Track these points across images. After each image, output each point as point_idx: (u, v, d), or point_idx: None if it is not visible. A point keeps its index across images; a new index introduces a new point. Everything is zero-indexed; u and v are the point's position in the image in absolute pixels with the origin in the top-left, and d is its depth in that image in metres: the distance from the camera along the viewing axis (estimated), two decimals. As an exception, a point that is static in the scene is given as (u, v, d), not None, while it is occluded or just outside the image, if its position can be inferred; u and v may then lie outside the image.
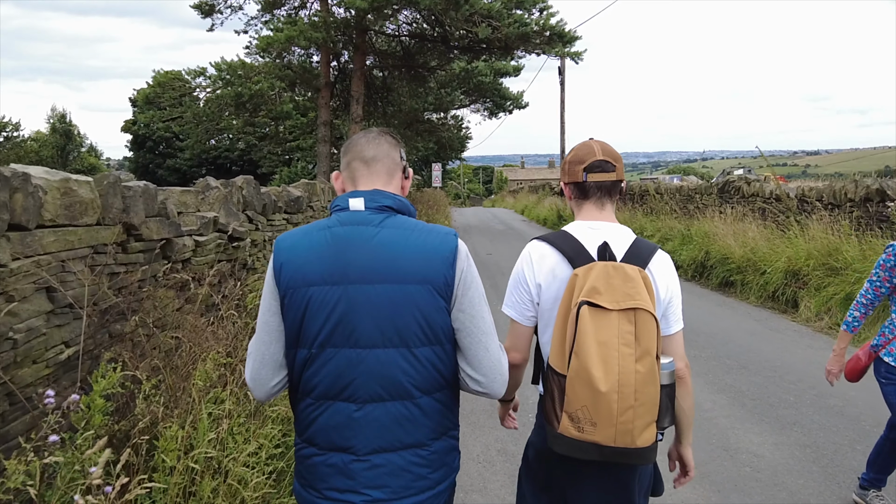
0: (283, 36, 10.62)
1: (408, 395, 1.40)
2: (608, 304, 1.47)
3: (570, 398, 1.48)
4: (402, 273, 1.38)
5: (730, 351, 6.16)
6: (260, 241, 4.76)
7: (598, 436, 1.46)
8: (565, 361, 1.49)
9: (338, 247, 1.39)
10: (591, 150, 1.70)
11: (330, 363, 1.38)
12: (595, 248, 1.62)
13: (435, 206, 22.36)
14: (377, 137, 1.54)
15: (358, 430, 1.38)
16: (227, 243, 3.81)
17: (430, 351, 1.41)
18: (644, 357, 1.46)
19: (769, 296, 8.47)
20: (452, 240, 1.43)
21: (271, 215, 5.11)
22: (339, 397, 1.39)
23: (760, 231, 9.57)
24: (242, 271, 4.05)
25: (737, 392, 4.95)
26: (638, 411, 1.45)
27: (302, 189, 6.58)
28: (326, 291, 1.37)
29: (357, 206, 1.44)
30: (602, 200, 1.71)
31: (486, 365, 1.44)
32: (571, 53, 12.23)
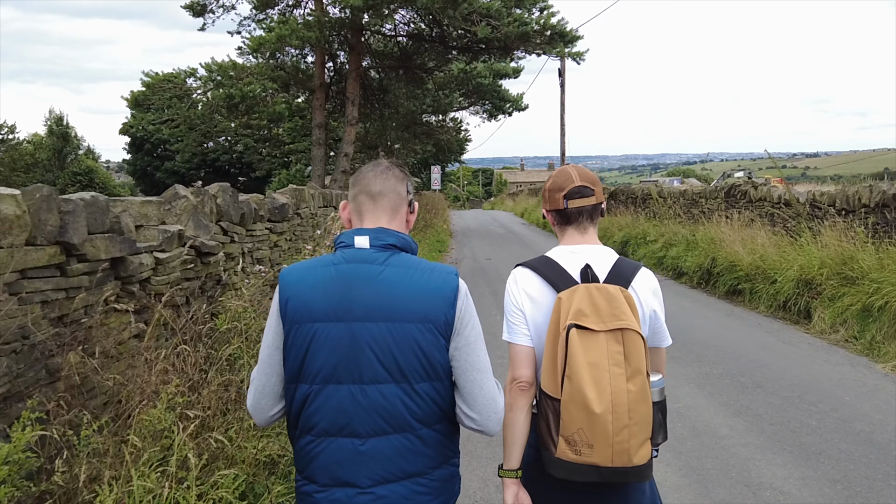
0: (275, 35, 10.27)
1: (409, 427, 1.43)
2: (595, 325, 1.50)
3: (565, 422, 1.49)
4: (404, 312, 1.41)
5: (743, 367, 5.79)
6: (237, 254, 4.40)
7: (595, 457, 1.48)
8: (558, 385, 1.51)
9: (343, 284, 1.42)
10: (570, 177, 1.74)
11: (333, 399, 1.41)
12: (577, 271, 1.66)
13: (433, 210, 22.00)
14: (385, 172, 1.56)
15: (363, 464, 1.41)
16: (196, 259, 3.45)
17: (430, 386, 1.44)
18: (635, 376, 1.49)
19: (780, 305, 8.11)
20: (454, 279, 1.47)
21: (251, 225, 4.74)
22: (342, 433, 1.41)
23: (769, 237, 9.22)
24: (216, 288, 3.69)
25: (754, 416, 4.59)
26: (633, 430, 1.47)
27: (289, 195, 6.19)
28: (331, 328, 1.40)
29: (362, 244, 1.47)
30: (584, 225, 1.75)
31: (480, 403, 1.46)
32: (573, 54, 11.89)
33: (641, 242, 13.69)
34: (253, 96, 12.53)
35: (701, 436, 4.24)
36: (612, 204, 18.38)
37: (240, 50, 12.50)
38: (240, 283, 3.98)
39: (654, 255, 12.55)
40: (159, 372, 2.41)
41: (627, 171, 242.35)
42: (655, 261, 12.43)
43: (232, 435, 2.66)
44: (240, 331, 2.96)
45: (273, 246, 5.49)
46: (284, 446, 2.76)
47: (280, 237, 5.68)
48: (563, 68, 23.58)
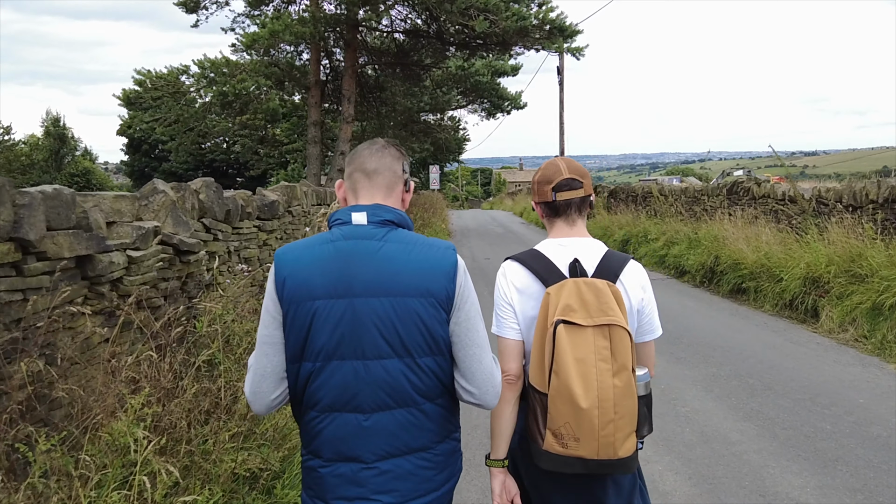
0: (267, 31, 10.05)
1: (413, 402, 1.44)
2: (582, 320, 1.51)
3: (552, 416, 1.52)
4: (405, 286, 1.41)
5: (751, 368, 5.59)
6: (223, 253, 4.18)
7: (581, 450, 1.50)
8: (545, 380, 1.52)
9: (342, 260, 1.41)
10: (558, 169, 1.75)
11: (336, 375, 1.40)
12: (566, 265, 1.66)
13: (431, 209, 21.81)
14: (381, 150, 1.56)
15: (367, 439, 1.41)
16: (175, 257, 3.24)
17: (433, 360, 1.44)
18: (621, 371, 1.51)
19: (786, 304, 7.91)
20: (452, 254, 1.48)
21: (238, 223, 4.52)
22: (346, 408, 1.41)
23: (774, 235, 9.02)
24: (199, 289, 3.48)
25: (765, 420, 4.38)
26: (618, 424, 1.50)
27: (280, 192, 5.96)
28: (332, 305, 1.39)
29: (360, 221, 1.46)
30: (572, 217, 1.75)
31: (478, 377, 1.47)
32: (572, 49, 11.69)
33: (642, 241, 13.49)
34: (247, 94, 12.29)
35: (710, 441, 4.04)
36: (612, 202, 18.19)
37: (234, 47, 12.33)
38: (225, 283, 3.77)
39: (656, 254, 12.36)
40: (125, 380, 2.21)
41: (626, 171, 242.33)
42: (657, 259, 12.23)
43: (209, 447, 2.46)
44: (219, 334, 2.76)
45: (262, 244, 5.27)
46: (266, 459, 2.56)
47: (270, 235, 5.47)
48: (561, 66, 23.38)
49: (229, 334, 2.96)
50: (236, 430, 2.46)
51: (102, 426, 2.01)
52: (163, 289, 3.04)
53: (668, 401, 4.79)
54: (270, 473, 2.55)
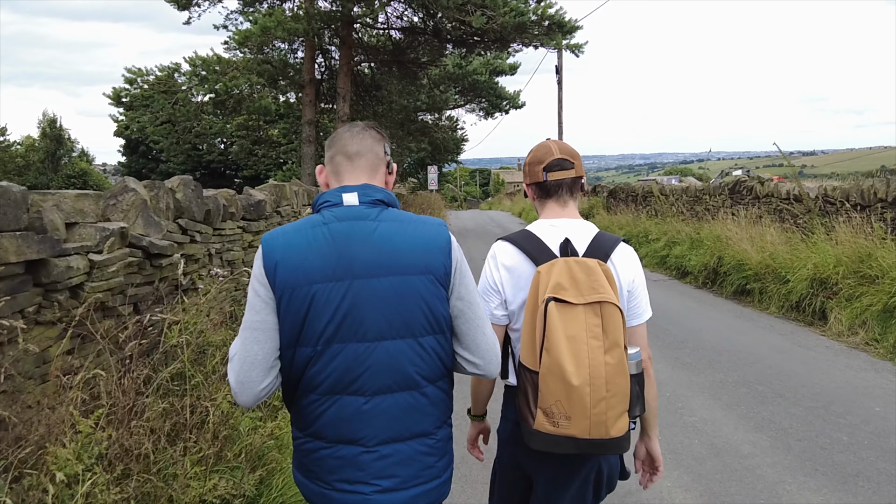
0: (259, 28, 9.80)
1: (416, 384, 1.41)
2: (573, 298, 1.50)
3: (543, 394, 1.49)
4: (405, 265, 1.39)
5: (759, 374, 5.36)
6: (202, 256, 3.93)
7: (573, 429, 1.48)
8: (536, 358, 1.50)
9: (339, 242, 1.38)
10: (549, 150, 1.73)
11: (337, 358, 1.37)
12: (557, 244, 1.65)
13: (429, 210, 21.59)
14: (361, 132, 1.53)
15: (367, 422, 1.38)
16: (144, 261, 2.99)
17: (434, 340, 1.43)
18: (613, 349, 1.49)
19: (792, 306, 7.68)
20: (445, 230, 1.47)
21: (220, 224, 4.26)
22: (347, 391, 1.38)
23: (779, 235, 8.80)
24: (174, 294, 3.24)
25: (778, 430, 4.15)
26: (610, 402, 1.48)
27: (268, 192, 5.70)
28: (332, 288, 1.36)
29: (351, 201, 1.43)
30: (563, 198, 1.74)
31: (483, 348, 1.47)
32: (572, 45, 11.45)
33: (643, 241, 13.26)
34: (239, 92, 12.01)
35: (721, 454, 3.81)
36: (611, 202, 17.97)
37: (226, 45, 12.07)
38: (206, 288, 3.54)
39: (657, 254, 12.13)
40: (79, 399, 1.97)
41: (624, 171, 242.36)
42: (658, 260, 12.01)
43: (177, 471, 2.22)
44: (188, 344, 2.53)
45: (247, 246, 5.01)
46: (240, 483, 2.32)
47: (256, 237, 5.19)
48: (560, 65, 23.18)
49: (203, 344, 2.72)
50: (205, 453, 2.23)
51: (48, 453, 1.77)
52: (131, 295, 2.80)
53: (675, 410, 4.56)
54: (244, 500, 2.31)
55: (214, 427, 2.32)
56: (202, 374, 2.57)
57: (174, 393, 2.44)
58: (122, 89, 11.74)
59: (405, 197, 23.60)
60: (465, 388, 1.84)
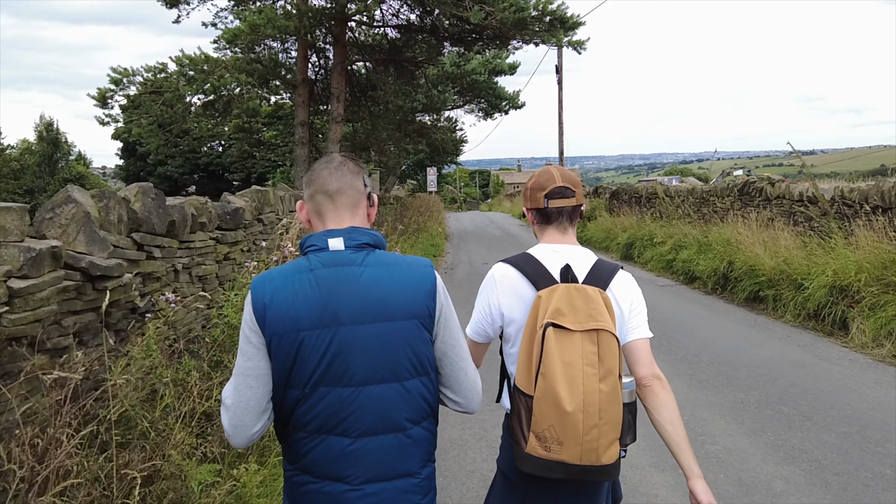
0: (248, 25, 9.40)
1: (401, 427, 1.43)
2: (572, 325, 1.51)
3: (537, 418, 1.50)
4: (391, 310, 1.41)
5: (782, 393, 4.95)
6: (164, 273, 3.51)
7: (564, 454, 1.49)
8: (532, 382, 1.52)
9: (324, 290, 1.40)
10: (552, 177, 1.76)
11: (324, 401, 1.39)
12: (558, 270, 1.66)
13: (427, 213, 21.18)
14: (339, 168, 1.53)
15: (352, 463, 1.40)
16: (85, 284, 2.55)
17: (419, 382, 1.45)
18: (607, 377, 1.50)
19: (809, 314, 7.27)
20: (431, 272, 1.49)
21: (188, 235, 3.82)
22: (334, 432, 1.40)
23: (794, 239, 8.39)
24: (127, 321, 2.80)
25: (811, 461, 3.73)
26: (602, 430, 1.48)
27: (248, 198, 5.23)
28: (318, 335, 1.38)
29: (337, 246, 1.45)
30: (564, 225, 1.77)
31: (465, 388, 1.52)
32: (573, 42, 11.04)
33: (648, 244, 12.86)
34: (227, 91, 11.58)
35: (751, 492, 3.39)
36: (614, 204, 17.57)
37: (216, 43, 11.67)
38: (164, 312, 3.12)
39: (663, 258, 11.73)
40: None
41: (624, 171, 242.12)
42: (664, 264, 11.61)
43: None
44: (130, 383, 2.12)
45: (223, 259, 4.55)
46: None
47: (233, 248, 4.75)
48: (560, 65, 22.81)
49: (153, 382, 2.31)
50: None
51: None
52: (68, 325, 2.39)
53: (695, 437, 4.14)
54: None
55: (159, 490, 1.90)
56: (148, 418, 2.15)
57: (120, 443, 2.03)
58: (106, 89, 11.34)
59: (404, 200, 23.18)
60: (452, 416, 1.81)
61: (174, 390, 2.38)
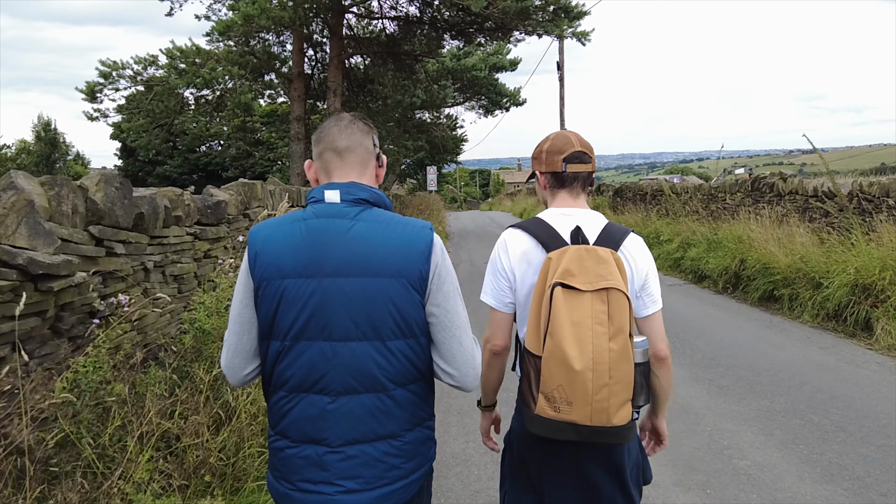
0: (241, 16, 9.03)
1: (382, 387, 1.40)
2: (581, 285, 1.49)
3: (545, 378, 1.49)
4: (376, 267, 1.38)
5: (810, 400, 4.59)
6: (131, 272, 3.07)
7: (574, 415, 1.46)
8: (540, 342, 1.50)
9: (313, 239, 1.39)
10: (570, 141, 1.73)
11: (304, 356, 1.38)
12: (568, 232, 1.64)
13: (427, 211, 20.82)
14: (349, 126, 1.51)
15: (332, 422, 1.38)
16: (24, 284, 2.13)
17: (405, 344, 1.41)
18: (617, 335, 1.47)
19: (829, 314, 6.91)
20: (428, 233, 1.44)
21: (160, 230, 3.43)
22: (313, 390, 1.38)
23: (810, 236, 8.02)
24: (84, 326, 2.43)
25: (853, 479, 3.37)
26: (613, 389, 1.46)
27: (234, 191, 4.82)
28: (301, 284, 1.37)
29: (332, 199, 1.43)
30: (577, 190, 1.75)
31: (459, 359, 1.44)
32: (578, 33, 10.67)
33: (654, 242, 12.48)
34: (221, 86, 11.19)
35: (790, 516, 3.03)
36: (618, 202, 17.21)
37: (208, 36, 11.29)
38: (136, 312, 2.76)
39: (670, 257, 11.37)
40: None
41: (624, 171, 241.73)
42: (672, 262, 11.24)
43: None
44: (73, 405, 1.76)
45: (203, 256, 4.17)
46: None
47: (215, 245, 4.36)
48: (561, 61, 22.45)
49: (102, 400, 1.95)
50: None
51: None
52: (6, 333, 2.02)
53: (720, 450, 3.78)
54: None
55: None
56: (93, 449, 1.79)
57: (62, 472, 1.67)
58: (95, 83, 10.96)
59: (403, 198, 22.83)
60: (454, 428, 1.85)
61: (131, 408, 2.02)
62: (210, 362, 2.61)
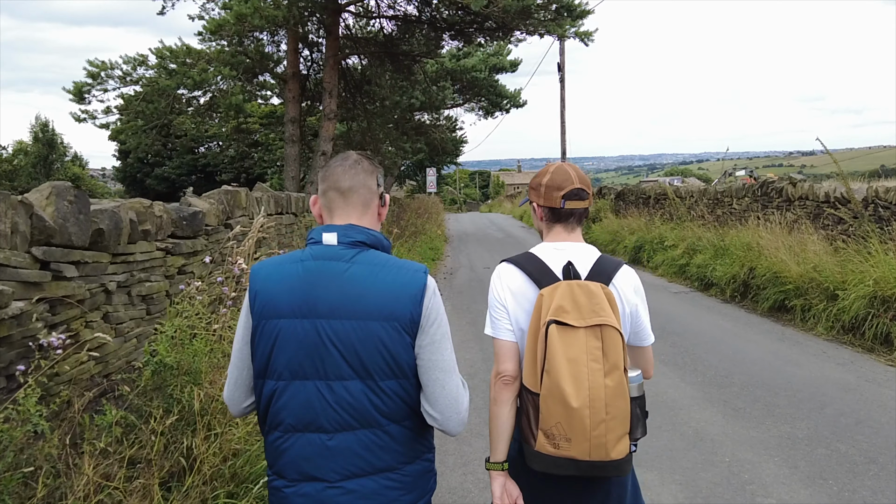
0: (233, 15, 8.73)
1: (376, 423, 1.41)
2: (575, 321, 1.51)
3: (544, 415, 1.50)
4: (368, 310, 1.40)
5: (834, 425, 4.27)
6: (86, 296, 2.72)
7: (573, 451, 1.48)
8: (538, 380, 1.52)
9: (308, 281, 1.42)
10: (569, 178, 1.74)
11: (299, 395, 1.40)
12: (560, 267, 1.67)
13: (426, 214, 20.49)
14: (354, 166, 1.54)
15: (330, 459, 1.40)
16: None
17: (396, 384, 1.43)
18: (612, 371, 1.49)
19: (845, 327, 6.60)
20: (422, 277, 1.46)
21: (125, 246, 3.08)
22: (309, 429, 1.40)
23: (823, 244, 7.71)
24: (27, 360, 2.10)
25: (892, 523, 3.05)
26: (610, 425, 1.48)
27: (215, 199, 4.43)
28: (296, 325, 1.40)
29: (330, 241, 1.47)
30: (572, 224, 1.78)
31: (441, 403, 1.45)
32: (581, 33, 10.37)
33: (658, 248, 12.17)
34: (207, 83, 10.86)
35: (826, 569, 2.71)
36: (620, 205, 16.89)
37: (200, 36, 10.96)
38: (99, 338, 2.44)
39: (675, 263, 11.05)
40: None
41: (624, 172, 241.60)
42: (676, 269, 10.93)
43: None
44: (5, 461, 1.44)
45: (176, 273, 3.80)
46: None
47: (191, 260, 4.00)
48: (562, 62, 22.15)
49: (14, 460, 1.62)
50: None
51: None
52: None
53: (742, 486, 3.46)
54: None
55: None
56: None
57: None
58: (83, 83, 10.65)
59: (401, 201, 22.51)
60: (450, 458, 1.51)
61: (65, 468, 1.71)
62: (172, 401, 2.29)
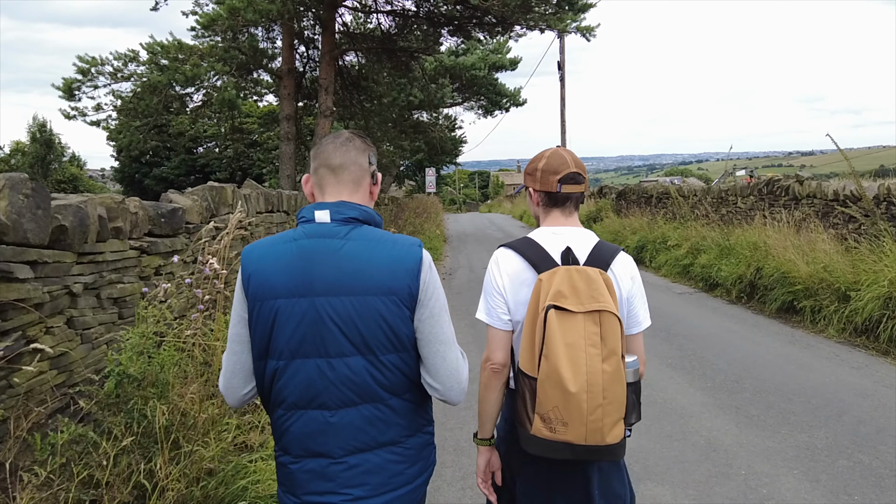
0: (226, 8, 8.49)
1: (378, 397, 1.42)
2: (573, 306, 1.52)
3: (541, 400, 1.51)
4: (367, 285, 1.40)
5: (854, 434, 4.03)
6: (45, 300, 2.47)
7: (569, 435, 1.50)
8: (535, 364, 1.52)
9: (304, 259, 1.41)
10: (565, 161, 1.75)
11: (300, 373, 1.40)
12: (558, 252, 1.68)
13: (425, 214, 20.25)
14: (345, 143, 1.54)
15: (333, 435, 1.41)
16: None
17: (397, 357, 1.44)
18: (610, 357, 1.51)
19: (857, 329, 6.37)
20: (417, 251, 1.47)
21: (93, 245, 2.89)
22: (311, 406, 1.41)
23: (833, 243, 7.48)
24: None
25: (925, 544, 2.82)
26: (606, 409, 1.50)
27: (198, 196, 4.16)
28: (294, 304, 1.39)
29: (323, 219, 1.46)
30: (569, 209, 1.78)
31: (442, 373, 1.47)
32: (582, 28, 10.15)
33: (661, 248, 11.95)
34: (199, 79, 10.61)
35: None
36: (621, 205, 16.67)
37: (193, 31, 10.72)
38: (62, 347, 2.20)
39: (679, 263, 10.82)
40: None
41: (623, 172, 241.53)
42: (680, 269, 10.70)
43: None
44: None
45: (153, 273, 3.55)
46: None
47: (169, 260, 3.75)
48: (562, 60, 21.94)
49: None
50: None
51: None
52: None
53: (760, 501, 3.23)
54: None
55: None
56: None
57: None
58: (73, 80, 10.41)
59: (400, 201, 22.28)
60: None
61: None
62: (134, 416, 2.05)
